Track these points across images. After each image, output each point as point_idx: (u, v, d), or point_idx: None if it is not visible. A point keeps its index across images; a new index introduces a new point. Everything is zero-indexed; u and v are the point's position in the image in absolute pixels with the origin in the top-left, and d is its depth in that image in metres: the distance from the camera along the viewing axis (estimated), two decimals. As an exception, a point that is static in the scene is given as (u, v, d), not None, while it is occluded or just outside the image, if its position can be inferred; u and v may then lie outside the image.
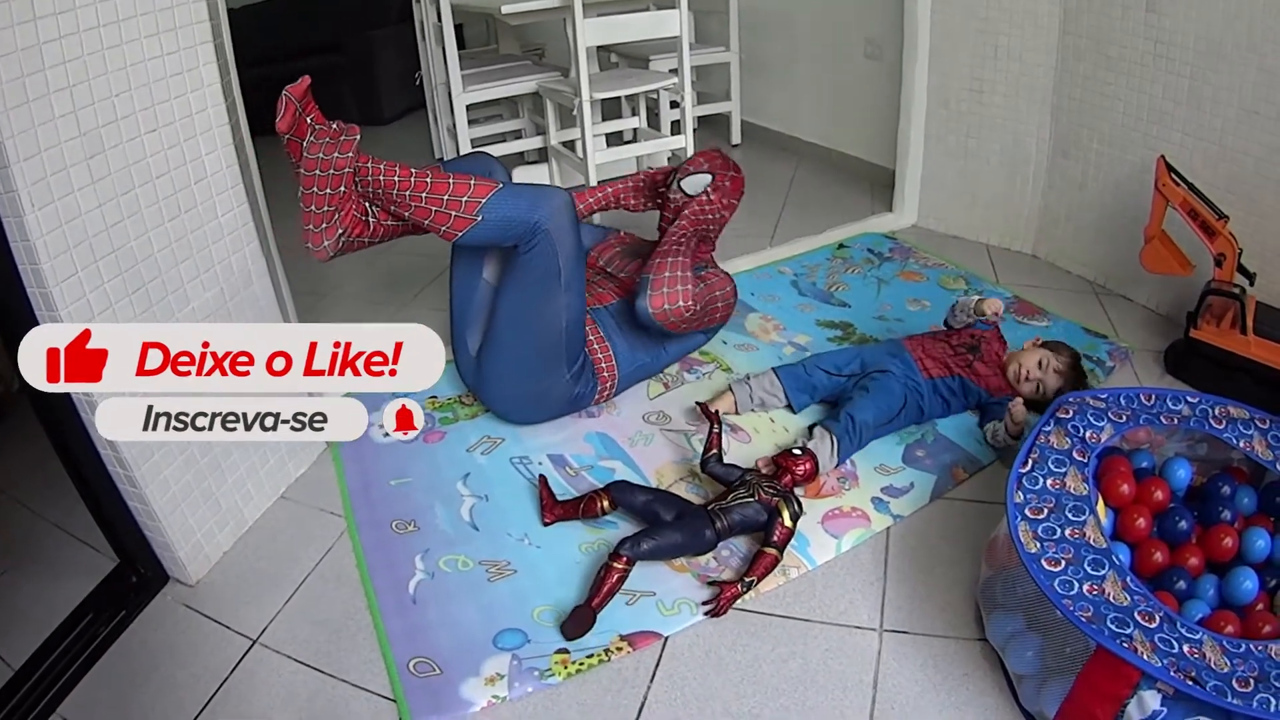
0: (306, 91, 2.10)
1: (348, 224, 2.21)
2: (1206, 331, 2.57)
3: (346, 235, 2.21)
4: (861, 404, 2.42)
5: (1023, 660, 1.72)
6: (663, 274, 2.47)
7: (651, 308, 2.45)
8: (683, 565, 2.10)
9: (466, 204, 2.21)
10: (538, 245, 2.27)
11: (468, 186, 2.22)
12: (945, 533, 2.19)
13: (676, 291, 2.46)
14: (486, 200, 2.21)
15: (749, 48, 4.86)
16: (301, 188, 2.12)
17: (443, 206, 2.21)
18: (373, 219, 2.29)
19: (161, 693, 1.89)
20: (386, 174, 2.20)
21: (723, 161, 2.75)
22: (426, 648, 1.92)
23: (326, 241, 2.17)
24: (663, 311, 2.45)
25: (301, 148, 2.10)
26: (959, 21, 3.38)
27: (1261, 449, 1.96)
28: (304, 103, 2.10)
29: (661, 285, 2.46)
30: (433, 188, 2.20)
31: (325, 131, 2.10)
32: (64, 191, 1.74)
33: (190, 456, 2.12)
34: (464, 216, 2.21)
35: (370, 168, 2.19)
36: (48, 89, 1.68)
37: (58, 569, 2.23)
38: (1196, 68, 2.71)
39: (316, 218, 2.14)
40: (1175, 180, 2.56)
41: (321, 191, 2.11)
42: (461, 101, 4.05)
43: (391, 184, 2.20)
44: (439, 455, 2.52)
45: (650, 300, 2.44)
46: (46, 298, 1.75)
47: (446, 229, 2.23)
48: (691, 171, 2.72)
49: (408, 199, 2.21)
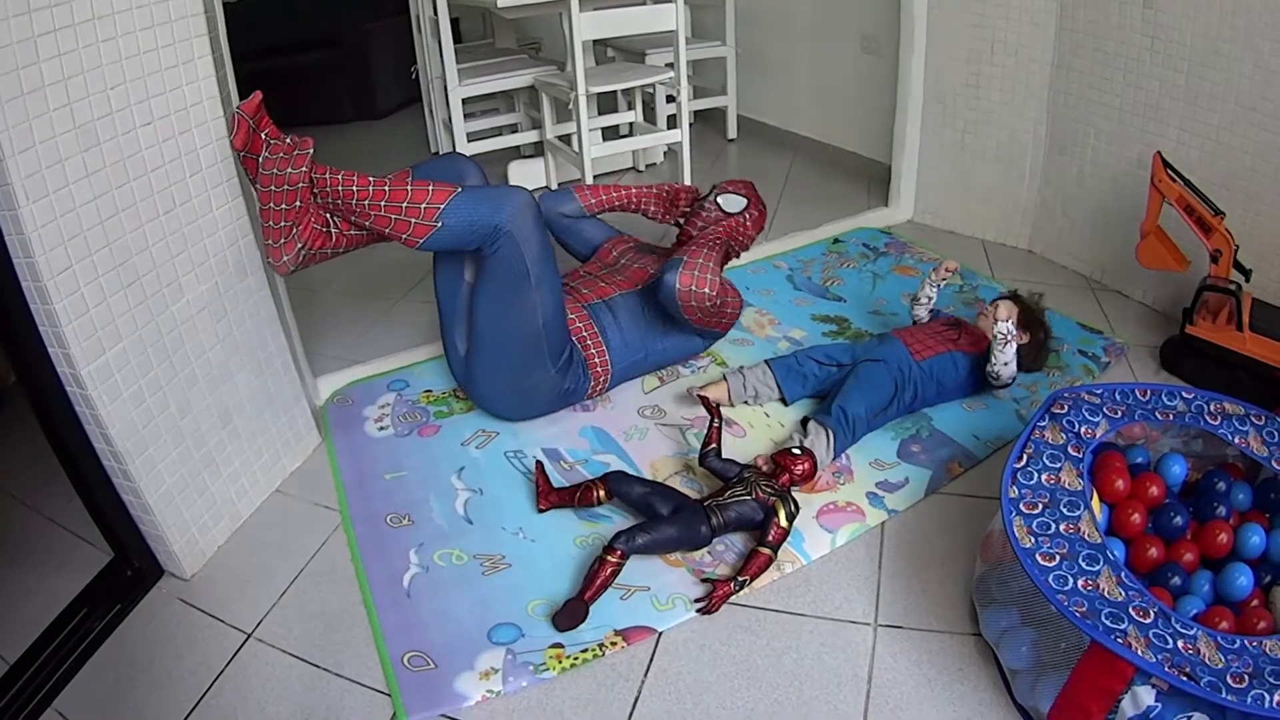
0: (259, 107, 2.10)
1: (307, 237, 2.20)
2: (1202, 328, 2.58)
3: (307, 248, 2.21)
4: (852, 396, 2.43)
5: (1017, 655, 1.72)
6: (695, 259, 2.49)
7: (680, 284, 2.45)
8: (677, 560, 2.10)
9: (425, 210, 2.20)
10: (501, 248, 2.27)
11: (426, 192, 2.21)
12: (940, 528, 2.19)
13: (705, 278, 2.47)
14: (445, 205, 2.21)
15: (745, 42, 4.87)
16: (259, 203, 2.12)
17: (401, 214, 2.20)
18: (335, 229, 2.28)
19: (157, 686, 1.89)
20: (345, 184, 2.19)
21: (757, 196, 2.88)
22: (421, 642, 1.92)
23: (286, 256, 2.16)
24: (688, 290, 2.46)
25: (258, 164, 2.10)
26: (956, 17, 3.38)
27: (1257, 445, 1.96)
28: (257, 119, 2.10)
29: (693, 267, 2.47)
30: (391, 195, 2.20)
31: (279, 146, 2.10)
32: (59, 185, 1.73)
33: (185, 450, 2.11)
34: (423, 223, 2.21)
35: (328, 179, 2.18)
36: (43, 82, 1.67)
37: (52, 563, 2.23)
38: (1194, 64, 2.71)
39: (275, 233, 2.14)
40: (1172, 176, 2.56)
41: (278, 206, 2.11)
42: (457, 96, 4.05)
43: (350, 194, 2.19)
44: (434, 449, 2.52)
45: (680, 276, 2.45)
46: (41, 291, 1.74)
47: (407, 236, 2.23)
48: (730, 191, 2.85)
49: (366, 208, 2.20)
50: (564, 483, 2.34)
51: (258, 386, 2.34)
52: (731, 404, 2.62)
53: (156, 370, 2.02)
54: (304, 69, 5.84)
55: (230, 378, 2.24)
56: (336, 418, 2.68)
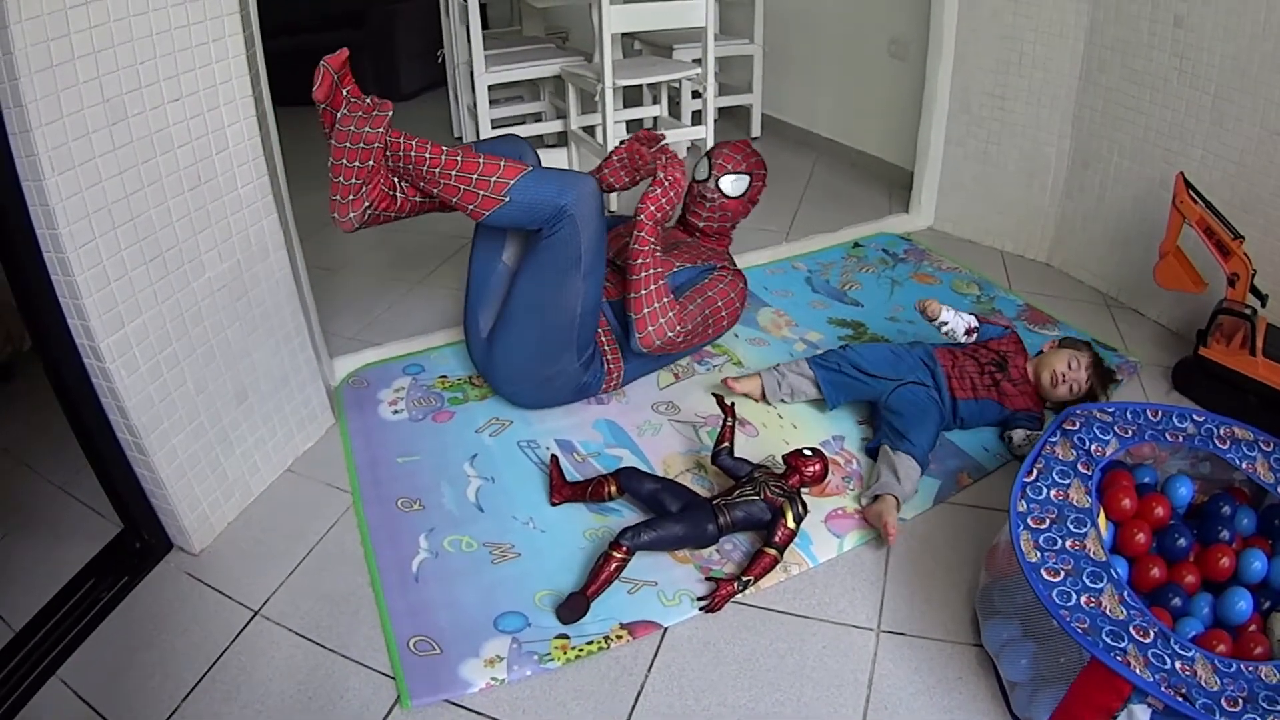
0: (345, 63, 2.13)
1: (374, 197, 2.23)
2: (1216, 350, 2.57)
3: (373, 208, 2.24)
4: (915, 431, 2.34)
5: (1017, 667, 1.73)
6: (641, 311, 2.44)
7: (644, 347, 2.47)
8: (685, 556, 2.11)
9: (495, 184, 2.22)
10: (561, 230, 2.28)
11: (497, 167, 2.23)
12: (947, 537, 2.20)
13: (661, 324, 2.45)
14: (515, 182, 2.22)
15: (772, 41, 4.86)
16: (331, 158, 2.14)
17: (471, 185, 2.22)
18: (400, 194, 2.31)
19: (161, 660, 1.90)
20: (418, 150, 2.21)
21: (757, 160, 2.79)
22: (427, 627, 1.94)
23: (353, 213, 2.19)
24: (656, 346, 2.47)
25: (335, 119, 2.12)
26: (985, 27, 3.37)
27: (1264, 471, 1.96)
28: (341, 74, 2.12)
29: (645, 324, 2.45)
30: (463, 166, 2.21)
31: (359, 105, 2.12)
32: (85, 157, 1.74)
33: (199, 426, 2.13)
34: (491, 196, 2.22)
35: (402, 143, 2.21)
36: (72, 54, 1.68)
37: (61, 532, 2.24)
38: (1221, 86, 2.70)
39: (344, 189, 2.16)
40: (1193, 197, 2.56)
41: (351, 164, 2.13)
42: (484, 82, 4.05)
43: (422, 160, 2.21)
44: (447, 435, 2.53)
45: (640, 340, 2.46)
46: (63, 263, 1.76)
47: (474, 208, 2.24)
48: (729, 170, 2.75)
49: (437, 176, 2.22)
50: (577, 476, 2.36)
51: (274, 365, 2.35)
52: (766, 401, 2.63)
53: (175, 345, 2.03)
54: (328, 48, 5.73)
55: (247, 355, 2.25)
56: (351, 399, 2.70)
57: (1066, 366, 2.49)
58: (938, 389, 2.49)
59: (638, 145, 2.74)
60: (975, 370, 2.54)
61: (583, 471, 2.39)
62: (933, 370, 2.52)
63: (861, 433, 2.54)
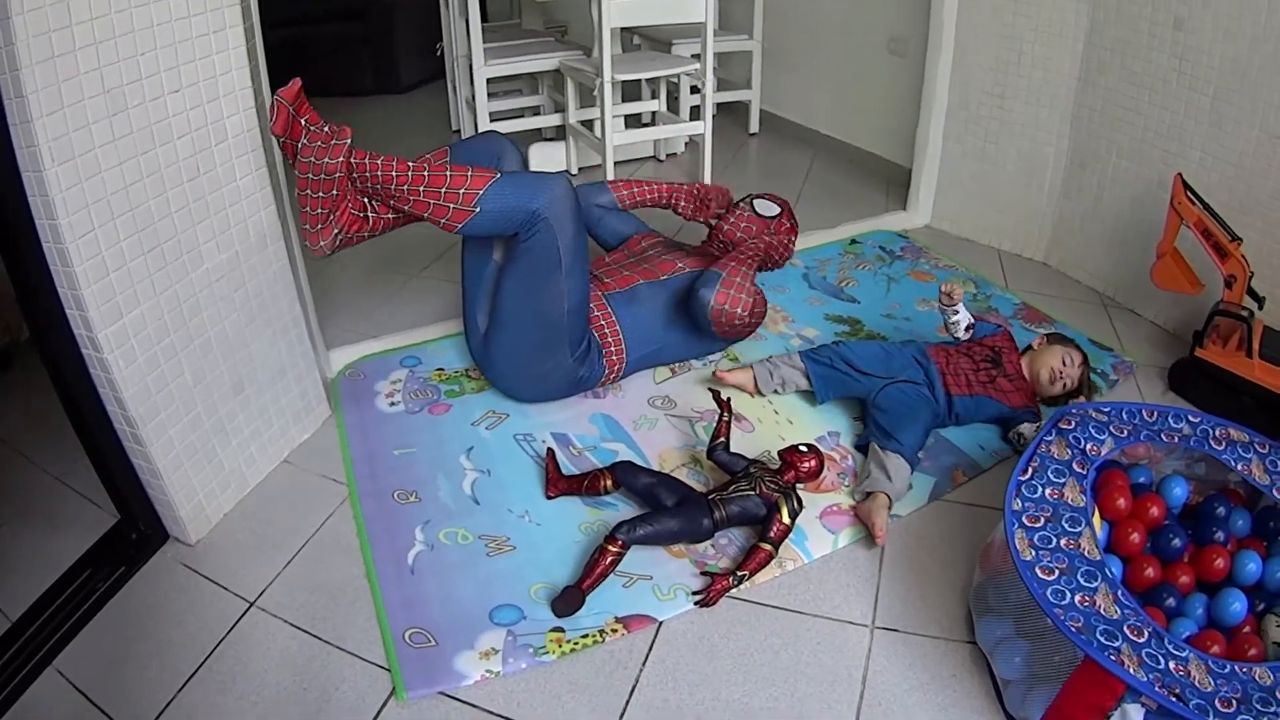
0: (299, 94, 2.11)
1: (343, 223, 2.23)
2: (1212, 352, 2.58)
3: (343, 233, 2.24)
4: (904, 429, 2.35)
5: (1010, 665, 1.74)
6: (734, 276, 2.52)
7: (714, 301, 2.49)
8: (681, 551, 2.12)
9: (464, 196, 2.22)
10: (537, 234, 2.28)
11: (465, 178, 2.22)
12: (941, 534, 2.21)
13: (739, 297, 2.50)
14: (484, 191, 2.22)
15: (772, 37, 4.86)
16: (298, 188, 2.14)
17: (440, 200, 2.22)
18: (372, 214, 2.31)
19: (158, 650, 1.90)
20: (384, 169, 2.20)
21: (790, 210, 2.93)
22: (423, 619, 1.94)
23: (323, 241, 2.19)
24: (720, 309, 2.49)
25: (296, 150, 2.12)
26: (985, 25, 3.38)
27: (1259, 473, 1.97)
28: (296, 105, 2.11)
29: (730, 285, 2.50)
30: (430, 181, 2.21)
31: (317, 134, 2.11)
32: (85, 148, 1.74)
33: (196, 417, 2.13)
34: (462, 209, 2.22)
35: (367, 164, 2.19)
36: (73, 45, 1.68)
37: (57, 523, 2.24)
38: (1220, 88, 2.71)
39: (313, 218, 2.16)
40: (1191, 199, 2.57)
41: (315, 194, 2.13)
42: (482, 75, 4.05)
43: (389, 179, 2.20)
44: (443, 428, 2.54)
45: (715, 295, 2.49)
46: (62, 253, 1.76)
47: (445, 221, 2.25)
48: (764, 198, 2.90)
49: (405, 194, 2.22)
50: (573, 469, 2.36)
51: (271, 356, 2.36)
52: (759, 392, 2.65)
53: (173, 336, 2.03)
54: (327, 40, 5.82)
55: (245, 346, 2.26)
56: (347, 391, 2.70)
57: (1061, 364, 2.51)
58: (930, 386, 2.49)
59: (716, 194, 2.94)
60: (970, 367, 2.54)
61: (579, 465, 2.39)
62: (925, 368, 2.53)
63: (856, 429, 2.54)
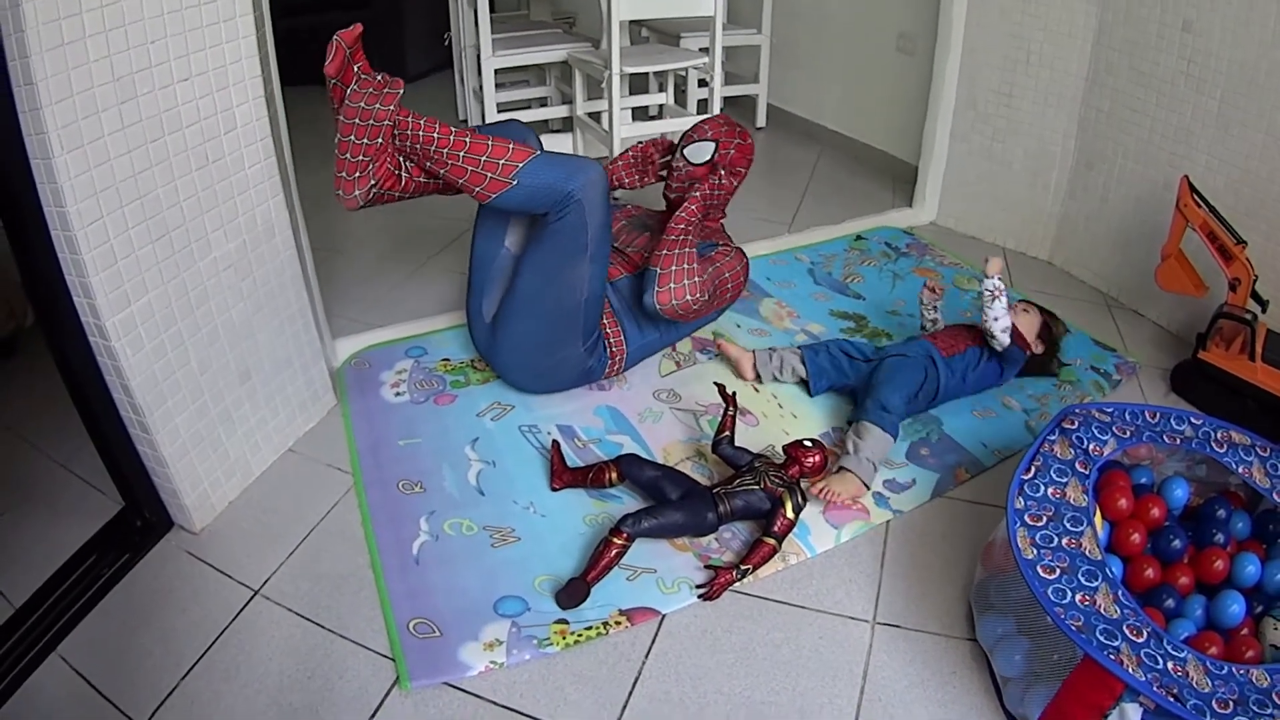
0: (357, 39, 2.11)
1: (380, 176, 2.21)
2: (1215, 354, 2.59)
3: (378, 187, 2.22)
4: (884, 390, 2.42)
5: (1010, 663, 1.75)
6: (669, 268, 2.47)
7: (659, 304, 2.46)
8: (684, 544, 2.13)
9: (503, 167, 2.22)
10: (569, 215, 2.28)
11: (506, 149, 2.22)
12: (943, 531, 2.21)
13: (684, 286, 2.47)
14: (523, 165, 2.22)
15: (780, 31, 4.86)
16: (339, 134, 2.12)
17: (479, 167, 2.21)
18: (405, 174, 2.29)
19: (161, 638, 1.91)
20: (426, 130, 2.20)
21: (728, 129, 2.78)
22: (427, 609, 1.95)
23: (358, 191, 2.17)
24: (671, 307, 2.47)
25: (344, 94, 2.11)
26: (994, 24, 3.38)
27: (1260, 476, 1.98)
28: (353, 50, 2.11)
29: (669, 280, 2.46)
30: (471, 148, 2.21)
31: (370, 82, 2.11)
32: (94, 136, 1.74)
33: (203, 405, 2.14)
34: (499, 179, 2.22)
35: (410, 122, 2.19)
36: (84, 32, 1.68)
37: (62, 509, 2.25)
38: (1227, 91, 2.71)
39: (350, 166, 2.15)
40: (1197, 201, 2.57)
41: (359, 141, 2.12)
42: (490, 66, 4.04)
43: (430, 140, 2.20)
44: (449, 418, 2.54)
45: (657, 296, 2.46)
46: (71, 241, 1.76)
47: (480, 189, 2.24)
48: (695, 139, 2.77)
49: (445, 157, 2.21)
50: (578, 461, 2.37)
51: (278, 345, 2.36)
52: (756, 376, 2.68)
53: (180, 325, 2.04)
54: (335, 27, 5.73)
55: (252, 335, 2.26)
56: (353, 380, 2.71)
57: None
58: (926, 357, 2.55)
59: (652, 149, 2.80)
60: (954, 334, 2.66)
61: (583, 457, 2.40)
62: (917, 344, 2.60)
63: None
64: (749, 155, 2.83)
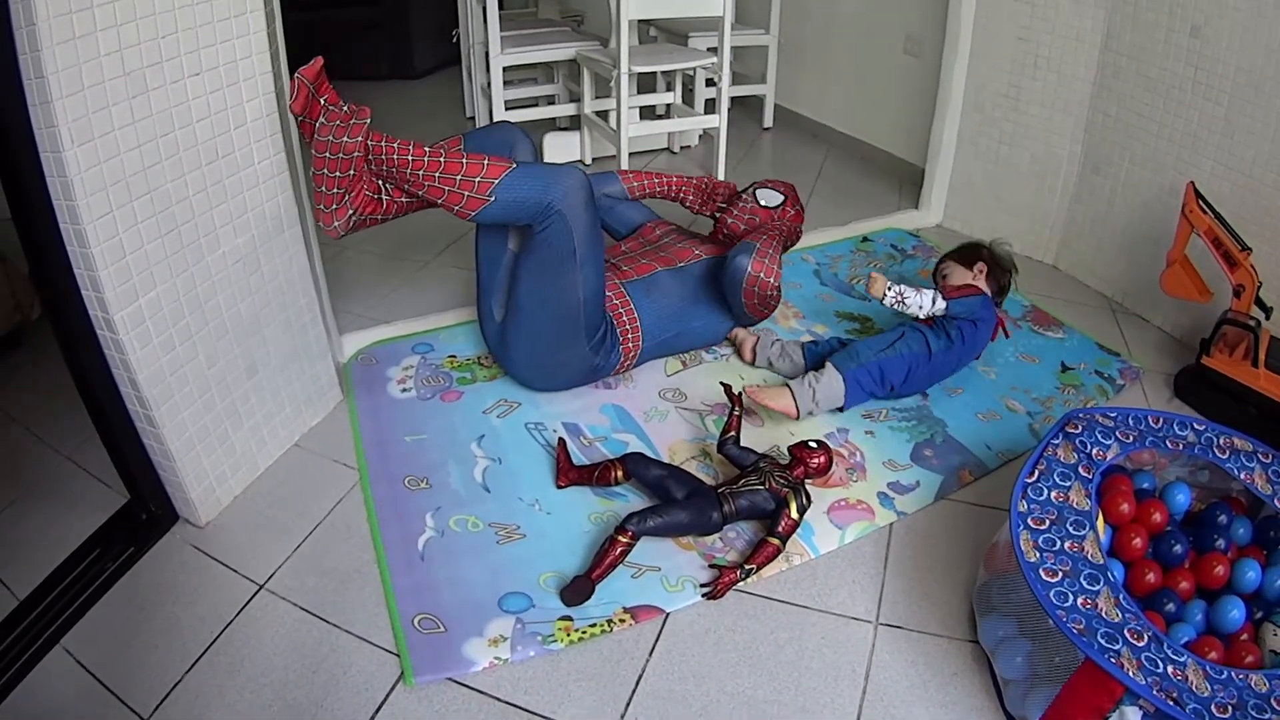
0: (320, 73, 2.10)
1: (358, 204, 2.22)
2: (1218, 360, 2.59)
3: (357, 214, 2.23)
4: (860, 343, 2.63)
5: (1012, 665, 1.76)
6: (766, 248, 2.59)
7: (750, 268, 2.56)
8: (689, 543, 2.13)
9: (479, 184, 2.22)
10: (551, 225, 2.29)
11: (480, 167, 2.23)
12: (947, 533, 2.22)
13: (772, 268, 2.58)
14: (499, 181, 2.23)
15: (788, 32, 4.87)
16: (313, 168, 2.13)
17: (455, 186, 2.22)
18: (386, 197, 2.30)
19: (166, 631, 1.92)
20: (400, 153, 2.20)
21: (794, 195, 2.99)
22: (432, 605, 1.96)
23: (337, 221, 2.18)
24: (755, 276, 2.57)
25: (313, 129, 2.11)
26: (1001, 28, 3.38)
27: (1261, 482, 1.98)
28: (317, 84, 2.10)
29: (764, 255, 2.58)
30: (446, 167, 2.21)
31: (336, 114, 2.10)
32: (104, 130, 1.75)
33: (209, 400, 2.15)
34: (476, 197, 2.23)
35: (385, 146, 2.18)
36: (94, 26, 1.69)
37: (67, 502, 2.26)
38: (1234, 97, 2.71)
39: (327, 198, 2.15)
40: (1203, 207, 2.57)
41: (332, 174, 2.12)
42: (499, 64, 4.05)
43: (405, 163, 2.20)
44: (455, 415, 2.55)
45: (752, 262, 2.57)
46: (80, 234, 1.77)
47: (459, 208, 2.25)
48: (767, 187, 2.98)
49: (420, 179, 2.22)
50: (583, 459, 2.38)
51: (285, 340, 2.37)
52: (753, 359, 2.77)
53: (188, 319, 2.05)
54: (342, 24, 5.80)
55: (259, 330, 2.27)
56: (359, 376, 2.72)
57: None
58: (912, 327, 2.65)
59: (721, 188, 3.03)
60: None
61: (589, 455, 2.40)
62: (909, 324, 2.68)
63: (865, 426, 2.56)
64: (800, 225, 3.03)
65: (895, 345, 2.58)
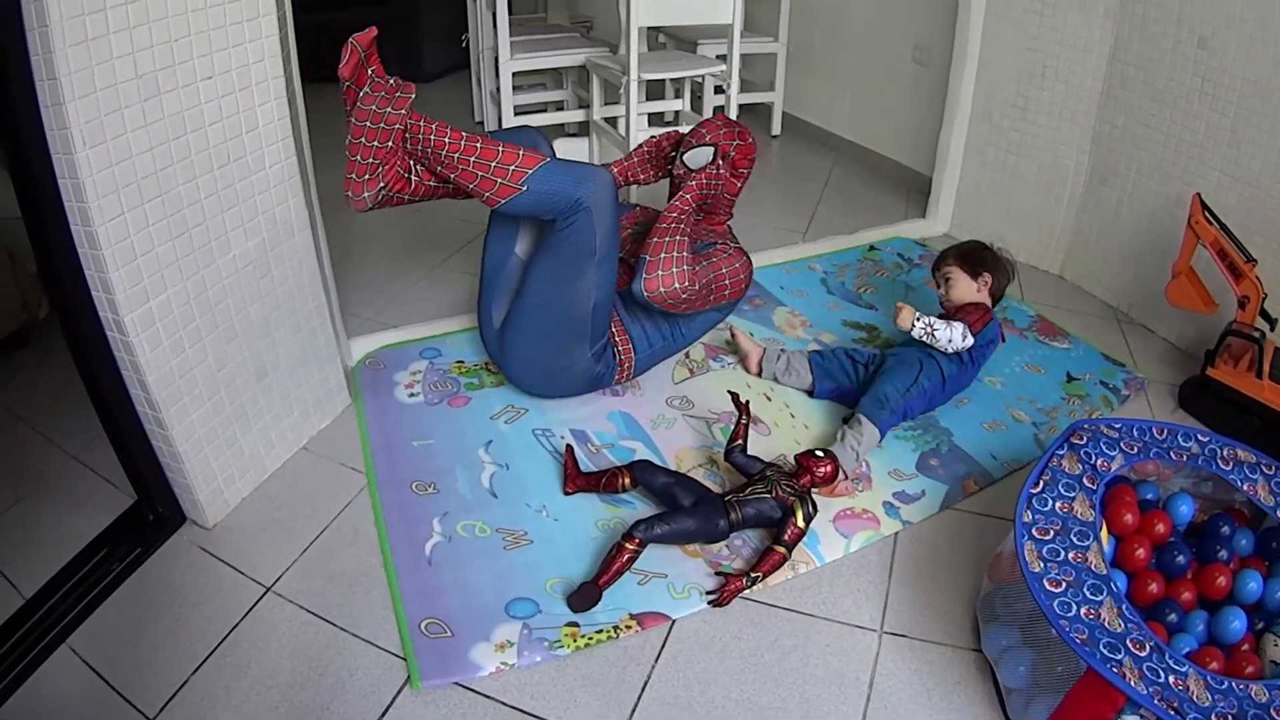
0: (372, 42, 2.13)
1: (390, 179, 2.24)
2: (1223, 371, 2.60)
3: (387, 189, 2.24)
4: (882, 381, 2.51)
5: (1015, 674, 1.76)
6: (658, 255, 2.42)
7: (646, 290, 2.40)
8: (695, 551, 2.14)
9: (513, 173, 2.23)
10: (577, 221, 2.30)
11: (516, 155, 2.24)
12: (951, 542, 2.22)
13: (672, 273, 2.41)
14: (533, 172, 2.24)
15: (797, 40, 4.87)
16: (350, 136, 2.14)
17: (489, 173, 2.23)
18: (415, 177, 2.32)
19: (172, 632, 1.92)
20: (437, 135, 2.22)
21: (727, 131, 2.72)
22: (439, 609, 1.96)
23: (367, 193, 2.19)
24: (658, 294, 2.41)
25: (357, 97, 2.13)
26: (1010, 38, 3.38)
27: (1264, 494, 1.98)
28: (368, 53, 2.13)
29: (656, 267, 2.41)
30: (481, 153, 2.23)
31: (382, 85, 2.13)
32: (116, 132, 1.76)
33: (219, 402, 2.16)
34: (509, 185, 2.24)
35: (422, 126, 2.21)
36: (107, 29, 1.69)
37: (74, 501, 2.26)
38: (1241, 109, 2.71)
39: (360, 168, 2.16)
40: (1209, 219, 2.57)
41: (369, 144, 2.14)
42: (508, 69, 4.06)
43: (442, 145, 2.22)
44: (463, 420, 2.56)
45: (645, 282, 2.40)
46: (91, 236, 1.77)
47: (490, 194, 2.26)
48: (694, 145, 2.72)
49: (455, 162, 2.23)
50: (590, 466, 2.38)
51: (294, 344, 2.38)
52: (758, 372, 2.74)
53: (198, 321, 2.05)
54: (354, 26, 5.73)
55: (269, 334, 2.28)
56: (367, 380, 2.72)
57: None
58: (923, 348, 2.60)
59: (664, 143, 2.79)
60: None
61: (596, 462, 2.41)
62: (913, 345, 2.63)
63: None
64: (750, 155, 2.79)
65: (919, 381, 2.53)
